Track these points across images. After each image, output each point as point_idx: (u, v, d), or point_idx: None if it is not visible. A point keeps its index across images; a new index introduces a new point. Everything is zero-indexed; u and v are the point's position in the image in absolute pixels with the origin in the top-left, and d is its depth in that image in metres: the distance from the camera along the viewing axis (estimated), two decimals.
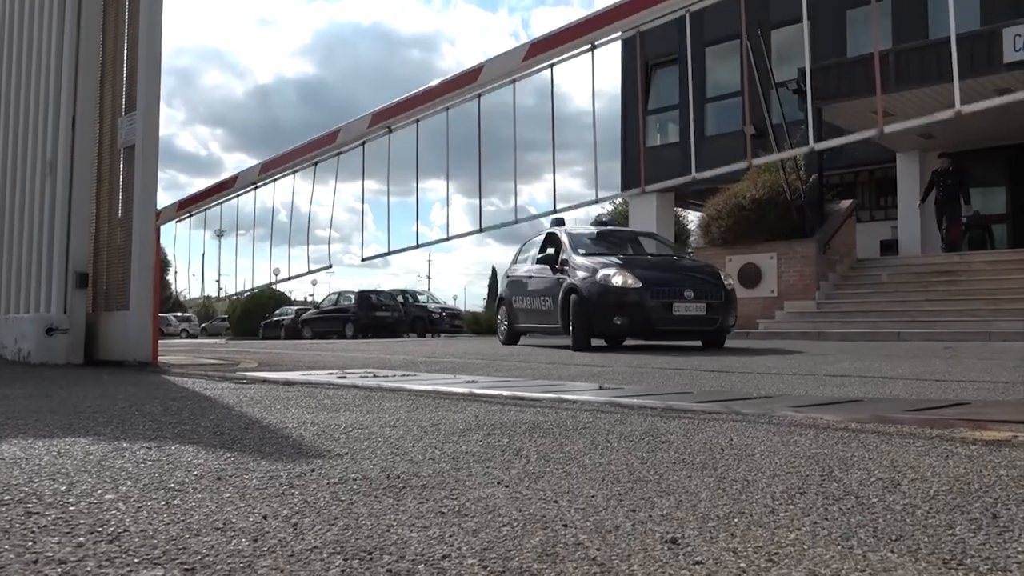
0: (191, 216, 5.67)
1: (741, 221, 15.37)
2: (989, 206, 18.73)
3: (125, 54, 5.77)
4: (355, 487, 1.50)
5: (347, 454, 1.87)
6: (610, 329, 8.92)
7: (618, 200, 30.03)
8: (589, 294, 9.03)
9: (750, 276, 15.53)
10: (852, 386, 4.35)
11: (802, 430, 2.34)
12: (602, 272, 9.05)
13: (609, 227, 11.76)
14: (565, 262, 9.88)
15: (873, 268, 16.38)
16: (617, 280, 8.87)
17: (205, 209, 5.62)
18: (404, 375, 5.04)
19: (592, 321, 8.96)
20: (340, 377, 4.68)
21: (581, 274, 9.33)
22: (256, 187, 5.17)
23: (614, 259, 9.59)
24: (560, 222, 11.10)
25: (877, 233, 19.47)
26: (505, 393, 3.49)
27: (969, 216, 16.71)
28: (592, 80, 3.50)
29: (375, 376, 4.87)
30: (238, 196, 5.33)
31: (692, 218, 27.15)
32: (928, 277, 14.86)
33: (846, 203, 16.79)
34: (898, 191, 18.98)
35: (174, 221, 5.72)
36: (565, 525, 1.23)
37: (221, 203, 5.54)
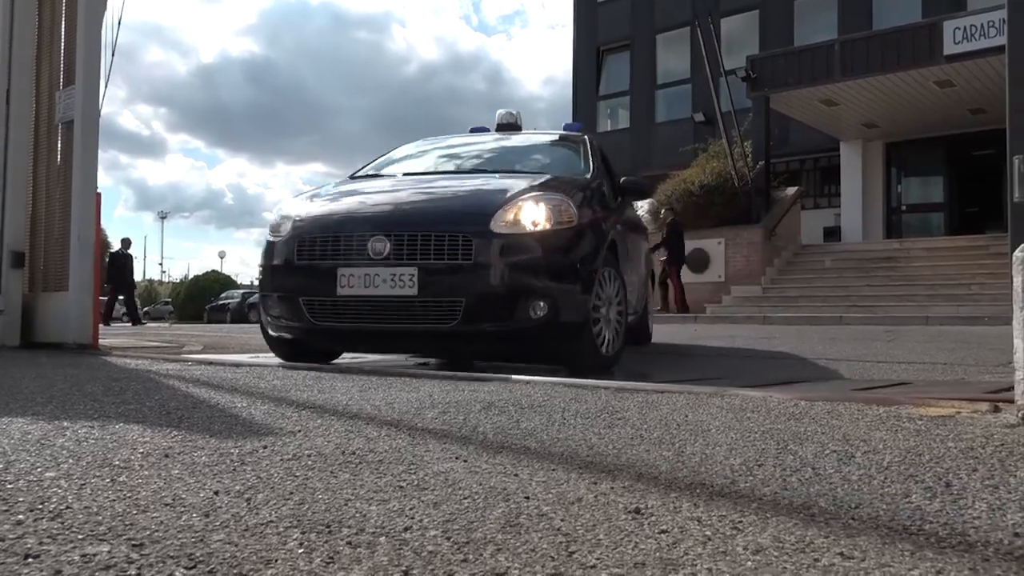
0: None
1: (690, 207, 15.54)
2: (927, 195, 19.27)
3: (63, 25, 5.55)
4: (310, 463, 1.46)
5: (300, 432, 1.83)
6: (272, 326, 4.41)
7: None
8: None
9: (699, 261, 15.73)
10: (798, 368, 4.43)
11: (754, 407, 2.36)
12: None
13: (489, 132, 6.17)
14: None
15: (817, 254, 16.73)
16: (277, 228, 4.37)
17: None
18: (354, 358, 4.98)
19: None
20: None
21: None
22: None
23: (357, 185, 4.87)
24: (483, 131, 6.32)
25: (821, 220, 19.88)
26: (460, 372, 3.47)
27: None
28: None
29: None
30: None
31: (643, 204, 27.38)
32: (869, 263, 15.25)
33: (792, 190, 17.10)
34: (841, 179, 19.40)
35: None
36: (527, 497, 1.21)
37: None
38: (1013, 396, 2.16)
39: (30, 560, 0.92)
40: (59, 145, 5.49)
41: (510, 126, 6.07)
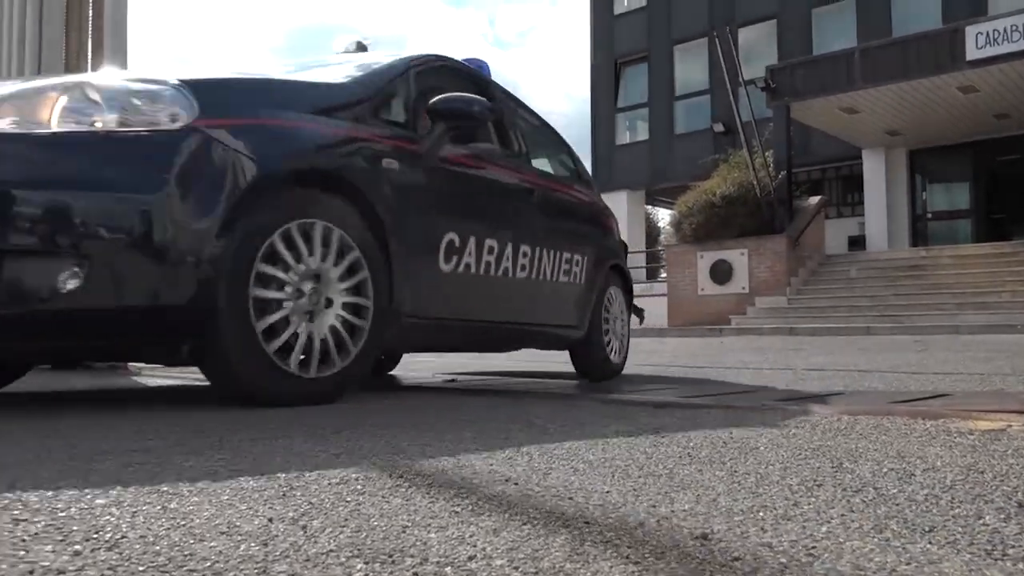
0: None
1: (712, 218, 15.47)
2: (953, 202, 19.07)
3: (89, 50, 5.63)
4: (359, 487, 1.44)
5: (343, 453, 1.81)
6: None
7: None
8: None
9: (723, 272, 15.63)
10: (831, 379, 4.37)
11: (798, 423, 2.32)
12: None
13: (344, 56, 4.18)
14: None
15: (842, 263, 16.58)
16: None
17: None
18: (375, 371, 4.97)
19: None
20: None
21: None
22: None
23: None
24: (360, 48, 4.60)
25: (845, 229, 19.74)
26: (492, 389, 3.45)
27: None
28: None
29: None
30: None
31: (663, 215, 27.35)
32: (895, 272, 15.08)
33: (815, 199, 16.99)
34: (865, 188, 19.24)
35: None
36: (587, 522, 1.19)
37: None
38: None
39: None
40: None
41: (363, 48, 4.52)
